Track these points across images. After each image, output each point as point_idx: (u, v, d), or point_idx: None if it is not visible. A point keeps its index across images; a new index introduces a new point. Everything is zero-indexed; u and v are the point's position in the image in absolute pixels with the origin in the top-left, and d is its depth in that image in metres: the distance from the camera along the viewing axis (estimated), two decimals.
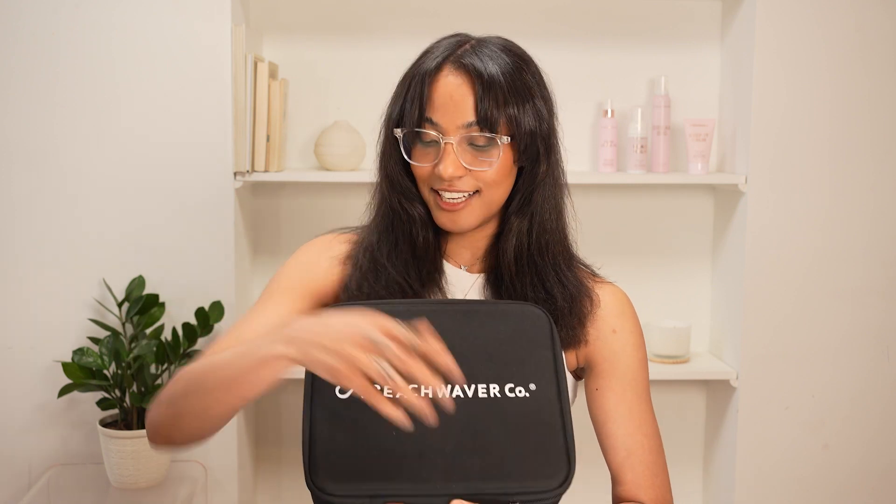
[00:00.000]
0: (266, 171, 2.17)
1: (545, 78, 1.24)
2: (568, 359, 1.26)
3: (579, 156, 2.44)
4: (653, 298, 2.47)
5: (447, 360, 0.95)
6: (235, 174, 2.14)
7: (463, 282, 1.28)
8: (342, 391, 1.06)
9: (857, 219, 2.30)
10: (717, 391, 2.45)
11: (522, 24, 2.38)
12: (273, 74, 2.23)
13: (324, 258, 1.29)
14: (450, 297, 1.26)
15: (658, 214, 2.48)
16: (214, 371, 1.04)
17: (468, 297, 1.27)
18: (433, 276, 1.26)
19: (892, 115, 2.28)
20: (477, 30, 1.31)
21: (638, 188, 2.46)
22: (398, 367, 0.92)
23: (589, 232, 2.43)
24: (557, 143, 1.25)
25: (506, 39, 1.24)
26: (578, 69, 2.41)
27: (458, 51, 1.19)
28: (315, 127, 2.37)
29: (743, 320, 2.29)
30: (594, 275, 1.32)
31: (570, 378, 1.29)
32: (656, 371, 2.33)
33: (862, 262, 2.31)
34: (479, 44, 1.21)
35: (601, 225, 2.46)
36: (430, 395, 0.97)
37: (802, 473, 2.35)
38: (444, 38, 1.23)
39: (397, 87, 1.23)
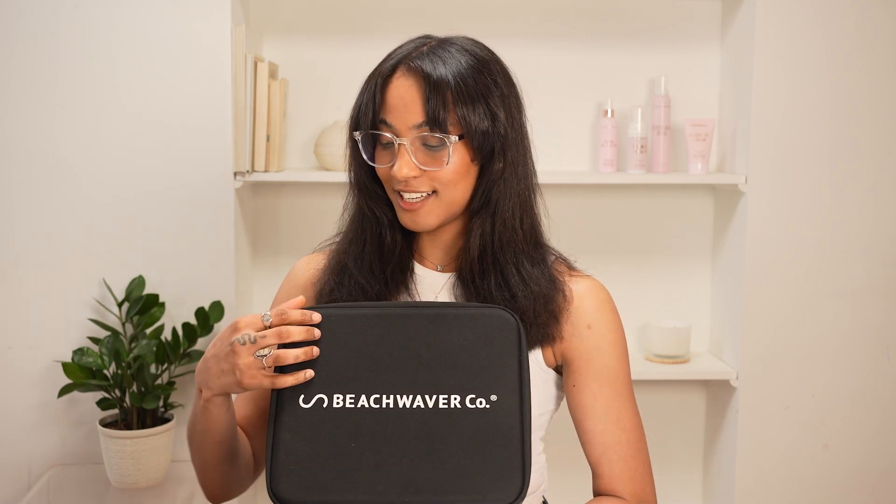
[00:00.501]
0: (266, 171, 2.17)
1: (512, 77, 1.25)
2: (546, 356, 1.27)
3: (579, 156, 2.44)
4: (653, 298, 2.48)
5: (293, 313, 1.10)
6: (235, 174, 2.14)
7: (435, 282, 1.29)
8: (305, 401, 1.08)
9: (857, 219, 2.30)
10: (717, 391, 2.45)
11: (522, 24, 2.38)
12: (273, 74, 2.23)
13: (305, 276, 1.35)
14: (420, 297, 1.27)
15: (658, 214, 2.48)
16: (193, 427, 1.22)
17: (439, 298, 1.28)
18: (400, 276, 1.27)
19: (892, 115, 2.28)
20: (477, 31, 1.31)
21: (638, 188, 2.46)
22: (268, 342, 1.07)
23: (589, 232, 2.47)
24: (523, 140, 1.25)
25: (469, 39, 1.24)
26: (578, 69, 2.41)
27: (413, 53, 1.21)
28: (315, 127, 2.37)
29: (743, 320, 2.29)
30: (571, 268, 1.31)
31: (553, 374, 1.29)
32: (656, 371, 2.34)
33: (862, 262, 2.31)
34: (439, 45, 1.22)
35: (601, 225, 2.46)
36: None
37: (802, 473, 2.35)
38: (409, 41, 1.24)
39: (359, 90, 1.25)
